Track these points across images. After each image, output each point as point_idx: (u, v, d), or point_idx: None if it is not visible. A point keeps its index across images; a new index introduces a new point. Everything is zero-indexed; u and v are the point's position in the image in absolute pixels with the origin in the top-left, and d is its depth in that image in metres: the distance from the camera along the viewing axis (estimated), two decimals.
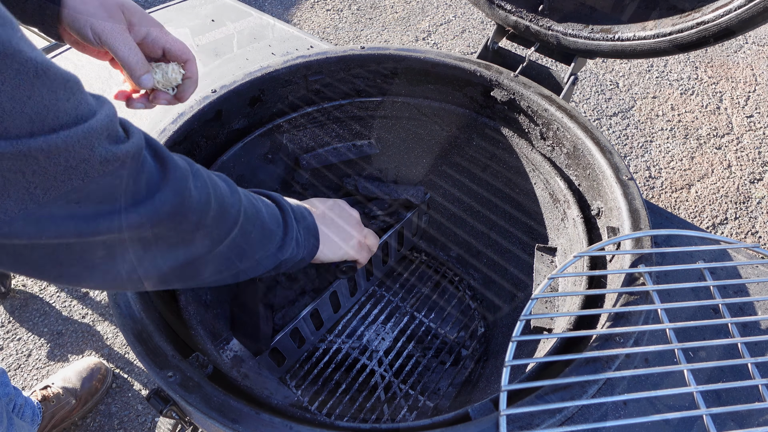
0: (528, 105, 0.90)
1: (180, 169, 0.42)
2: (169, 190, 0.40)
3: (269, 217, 0.56)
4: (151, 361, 0.59)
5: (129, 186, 0.37)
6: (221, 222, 0.47)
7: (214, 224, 0.46)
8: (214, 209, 0.46)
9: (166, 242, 0.42)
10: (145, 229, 0.39)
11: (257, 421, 0.54)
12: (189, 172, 0.43)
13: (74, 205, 0.34)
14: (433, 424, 0.57)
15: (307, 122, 1.00)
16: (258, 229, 0.54)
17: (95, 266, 0.39)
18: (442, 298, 1.17)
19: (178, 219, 0.42)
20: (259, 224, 0.54)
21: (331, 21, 2.77)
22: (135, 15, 0.61)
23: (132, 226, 0.38)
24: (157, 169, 0.40)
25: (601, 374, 0.55)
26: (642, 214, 0.71)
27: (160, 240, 0.42)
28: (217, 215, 0.46)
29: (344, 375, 1.04)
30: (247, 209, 0.52)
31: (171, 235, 0.42)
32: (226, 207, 0.48)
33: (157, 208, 0.39)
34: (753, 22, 0.68)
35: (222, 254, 0.49)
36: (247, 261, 0.54)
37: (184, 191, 0.42)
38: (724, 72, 2.50)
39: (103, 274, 0.40)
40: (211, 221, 0.46)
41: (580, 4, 0.93)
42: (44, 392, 1.32)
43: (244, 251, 0.52)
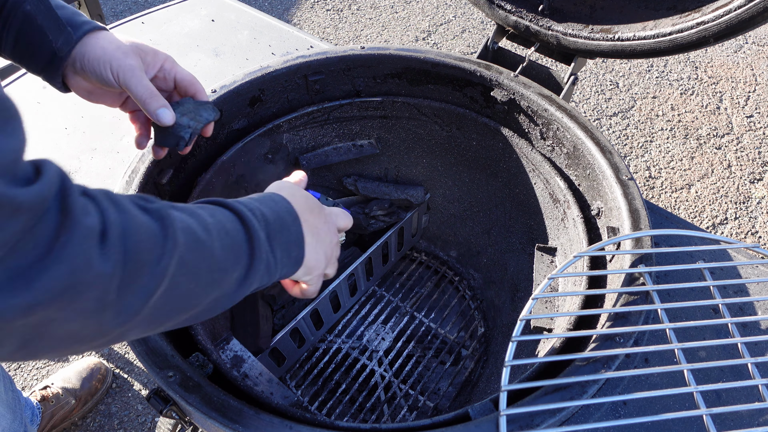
0: (528, 105, 0.90)
1: (82, 230, 0.33)
2: (56, 260, 0.31)
3: (224, 254, 0.45)
4: (151, 361, 0.59)
5: (9, 246, 0.29)
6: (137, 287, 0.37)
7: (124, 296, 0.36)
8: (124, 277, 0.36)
9: (57, 324, 0.34)
10: (15, 315, 0.31)
11: (257, 421, 0.54)
12: (96, 233, 0.34)
13: None
14: (433, 424, 0.57)
15: (307, 122, 1.00)
16: (203, 274, 0.43)
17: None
18: (442, 298, 1.17)
19: (65, 298, 0.32)
20: (204, 268, 0.43)
21: (331, 21, 2.77)
22: (148, 54, 0.65)
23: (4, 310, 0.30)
24: (55, 228, 0.32)
25: (601, 374, 0.55)
26: (642, 214, 0.71)
27: (48, 323, 0.33)
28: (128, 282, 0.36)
29: (344, 375, 1.04)
30: (184, 255, 0.41)
31: (60, 316, 0.33)
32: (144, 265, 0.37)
33: (31, 283, 0.30)
34: (753, 22, 0.69)
35: (146, 318, 0.40)
36: (189, 311, 0.44)
37: (78, 260, 0.33)
38: (724, 72, 2.50)
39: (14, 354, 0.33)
40: (119, 295, 0.36)
41: (580, 4, 0.93)
42: (44, 392, 1.32)
43: (181, 304, 0.43)
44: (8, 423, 0.95)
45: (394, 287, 1.18)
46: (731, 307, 0.72)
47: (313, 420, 0.57)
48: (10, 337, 0.32)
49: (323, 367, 1.04)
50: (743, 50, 2.62)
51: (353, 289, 1.10)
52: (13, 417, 0.96)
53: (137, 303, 0.38)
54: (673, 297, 0.72)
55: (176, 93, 0.70)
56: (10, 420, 0.95)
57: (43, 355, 0.36)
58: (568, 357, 0.57)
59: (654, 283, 0.62)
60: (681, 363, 0.55)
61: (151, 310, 0.39)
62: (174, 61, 0.67)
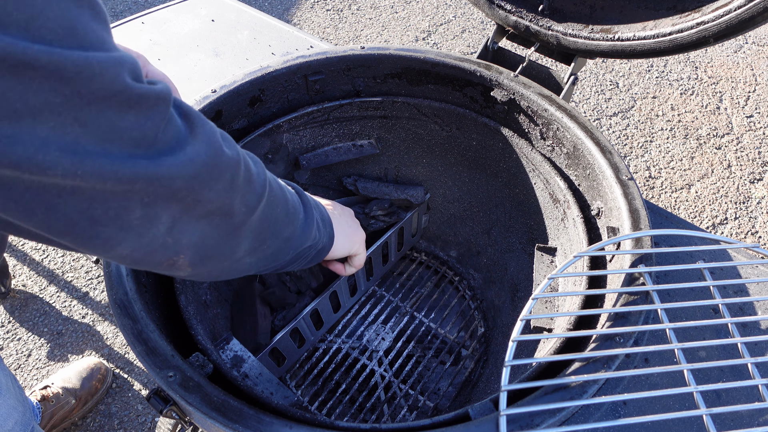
0: (528, 105, 0.90)
1: (209, 125, 0.41)
2: (201, 143, 0.39)
3: (291, 197, 0.56)
4: (151, 361, 0.59)
5: (159, 133, 0.35)
6: (251, 187, 0.46)
7: (246, 187, 0.45)
8: (244, 171, 0.44)
9: (203, 204, 0.40)
10: (180, 182, 0.37)
11: (257, 421, 0.54)
12: (217, 130, 0.43)
13: (108, 144, 0.32)
14: (433, 424, 0.57)
15: (307, 122, 1.00)
16: (282, 204, 0.53)
17: (131, 227, 0.37)
18: (442, 298, 1.17)
19: (213, 173, 0.40)
20: (283, 199, 0.53)
21: (331, 21, 2.77)
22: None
23: (167, 176, 0.36)
24: (185, 126, 0.39)
25: (601, 374, 0.55)
26: (642, 214, 0.71)
27: (197, 201, 0.40)
28: (246, 178, 0.45)
29: (344, 375, 1.04)
30: (271, 182, 0.51)
31: (207, 196, 0.40)
32: (253, 173, 0.46)
33: (192, 158, 0.38)
34: (753, 22, 0.69)
35: (255, 227, 0.48)
36: (277, 239, 0.53)
37: (216, 145, 0.41)
38: (724, 72, 2.50)
39: (138, 238, 0.38)
40: (243, 183, 0.44)
41: (580, 4, 0.93)
42: (44, 392, 1.32)
43: (274, 226, 0.51)
44: (20, 416, 0.95)
45: (394, 287, 1.18)
46: (731, 307, 0.72)
47: (313, 420, 0.57)
48: (166, 211, 0.38)
49: (323, 367, 1.04)
50: (743, 50, 2.62)
51: (353, 289, 1.10)
52: (24, 410, 0.97)
53: (254, 200, 0.46)
54: (673, 297, 0.72)
55: None
56: (22, 413, 0.96)
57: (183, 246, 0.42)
58: (568, 357, 0.57)
59: (654, 283, 0.62)
60: (681, 363, 0.55)
61: (259, 218, 0.48)
62: (146, 61, 0.67)
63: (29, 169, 0.30)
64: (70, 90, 0.30)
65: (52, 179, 0.31)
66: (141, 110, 0.34)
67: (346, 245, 0.73)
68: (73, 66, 0.29)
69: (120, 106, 0.32)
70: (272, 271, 0.60)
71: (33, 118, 0.29)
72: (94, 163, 0.32)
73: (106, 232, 0.36)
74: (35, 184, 0.31)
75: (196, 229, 0.42)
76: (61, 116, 0.30)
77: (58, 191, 0.32)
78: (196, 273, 0.47)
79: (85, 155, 0.31)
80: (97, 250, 0.38)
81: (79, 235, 0.35)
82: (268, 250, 0.52)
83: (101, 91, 0.31)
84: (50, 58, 0.28)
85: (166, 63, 1.21)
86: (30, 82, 0.28)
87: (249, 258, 0.50)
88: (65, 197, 0.32)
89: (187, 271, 0.45)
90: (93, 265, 1.73)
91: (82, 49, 0.30)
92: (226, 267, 0.49)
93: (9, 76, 0.27)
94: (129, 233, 0.37)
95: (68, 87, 0.29)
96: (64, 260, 1.74)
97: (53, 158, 0.30)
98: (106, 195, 0.34)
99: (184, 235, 0.41)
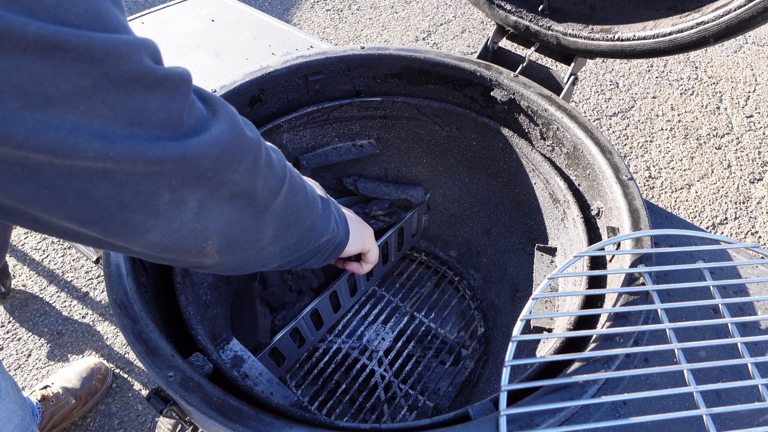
0: (528, 105, 0.90)
1: (229, 107, 0.42)
2: (225, 123, 0.40)
3: (309, 187, 0.56)
4: (151, 361, 0.59)
5: (184, 115, 0.36)
6: (273, 171, 0.46)
7: (268, 170, 0.45)
8: (265, 154, 0.45)
9: (228, 186, 0.41)
10: (207, 162, 0.38)
11: (257, 421, 0.54)
12: (237, 115, 0.43)
13: (136, 127, 0.33)
14: (433, 424, 0.57)
15: (307, 122, 1.00)
16: (302, 191, 0.53)
17: (160, 213, 0.37)
18: (442, 298, 1.17)
19: (237, 154, 0.40)
20: (302, 186, 0.53)
21: (331, 21, 2.77)
22: None
23: (195, 156, 0.36)
24: (206, 108, 0.39)
25: (601, 374, 0.55)
26: (642, 214, 0.71)
27: (222, 184, 0.40)
28: (268, 161, 0.45)
29: (344, 375, 1.04)
30: (290, 168, 0.51)
31: (232, 177, 0.41)
32: (273, 158, 0.47)
33: (218, 138, 0.38)
34: (753, 22, 0.69)
35: (278, 211, 0.48)
36: (299, 227, 0.53)
37: (238, 126, 0.41)
38: (724, 72, 2.50)
39: (168, 224, 0.38)
40: (266, 165, 0.45)
41: (580, 4, 0.94)
42: (44, 392, 1.32)
43: (296, 213, 0.52)
44: (20, 420, 0.95)
45: (394, 287, 1.18)
46: (731, 307, 0.72)
47: (313, 420, 0.57)
48: (193, 195, 0.38)
49: (323, 367, 1.04)
50: (743, 50, 2.62)
51: (353, 289, 1.10)
52: (23, 414, 0.97)
53: (276, 184, 0.47)
54: (673, 297, 0.72)
55: None
56: (21, 417, 0.96)
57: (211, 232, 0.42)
58: (568, 357, 0.57)
59: (654, 283, 0.62)
60: (681, 363, 0.55)
61: (281, 204, 0.48)
62: None
63: (62, 153, 0.30)
64: (99, 72, 0.30)
65: (83, 162, 0.31)
66: (166, 92, 0.34)
67: (360, 240, 0.73)
68: (101, 47, 0.30)
69: (146, 89, 0.33)
70: (293, 267, 0.60)
71: (64, 104, 0.29)
72: (124, 145, 0.32)
73: (135, 218, 0.36)
74: (66, 168, 0.31)
75: (222, 213, 0.42)
76: (90, 100, 0.30)
77: (89, 176, 0.32)
78: (223, 261, 0.47)
79: (115, 138, 0.32)
80: (127, 238, 0.38)
81: (109, 223, 0.36)
82: (291, 238, 0.53)
83: (128, 72, 0.31)
84: (80, 40, 0.29)
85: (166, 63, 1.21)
86: (61, 65, 0.28)
87: (273, 246, 0.51)
88: (96, 182, 0.33)
89: (215, 258, 0.45)
90: (93, 265, 1.73)
91: (107, 32, 0.31)
92: (251, 256, 0.49)
93: (41, 60, 0.28)
94: (159, 219, 0.38)
95: (97, 69, 0.30)
96: (64, 260, 1.74)
97: (84, 142, 0.31)
98: (136, 178, 0.34)
99: (211, 221, 0.41)
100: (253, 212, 0.45)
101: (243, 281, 1.02)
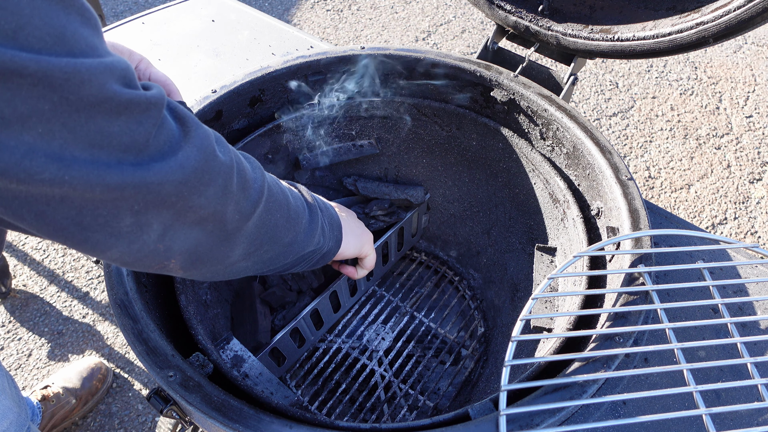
0: (528, 105, 0.90)
1: (203, 129, 0.41)
2: (193, 147, 0.39)
3: (294, 201, 0.55)
4: (151, 361, 0.59)
5: (151, 138, 0.35)
6: (246, 193, 0.45)
7: (240, 193, 0.44)
8: (238, 177, 0.44)
9: (194, 211, 0.40)
10: (170, 188, 0.37)
11: (257, 420, 0.54)
12: (212, 135, 0.42)
13: (97, 150, 0.32)
14: (433, 424, 0.57)
15: (308, 122, 1.00)
16: (284, 209, 0.52)
17: (121, 234, 0.37)
18: (442, 298, 1.17)
19: (205, 179, 0.40)
20: (284, 204, 0.53)
21: (331, 21, 2.77)
22: (123, 54, 0.65)
23: (156, 181, 0.36)
24: (179, 129, 0.39)
25: (601, 374, 0.55)
26: (641, 214, 0.71)
27: (188, 208, 0.39)
28: (241, 185, 0.44)
29: (344, 375, 1.04)
30: (271, 186, 0.50)
31: (198, 202, 0.40)
32: (248, 179, 0.46)
33: (182, 163, 0.37)
34: (752, 22, 0.69)
35: (250, 233, 0.47)
36: (275, 245, 0.52)
37: (208, 150, 0.40)
38: (724, 72, 2.50)
39: (129, 244, 0.38)
40: (237, 189, 0.44)
41: (579, 5, 0.94)
42: (44, 392, 1.32)
43: (272, 232, 0.51)
44: (15, 416, 0.95)
45: (394, 287, 1.18)
46: (731, 307, 0.72)
47: (313, 420, 0.57)
48: (158, 218, 0.38)
49: (323, 367, 1.05)
50: (742, 50, 2.62)
51: (353, 289, 1.10)
52: (19, 411, 0.97)
53: (248, 207, 0.46)
54: (673, 297, 0.72)
55: None
56: (17, 414, 0.96)
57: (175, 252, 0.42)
58: (568, 357, 0.57)
59: (653, 283, 0.62)
60: (680, 363, 0.55)
61: (254, 224, 0.47)
62: (149, 63, 0.68)
63: (16, 177, 0.30)
64: (59, 96, 0.30)
65: (39, 187, 0.31)
66: (132, 115, 0.34)
67: (357, 246, 0.73)
68: (61, 73, 0.30)
69: (110, 112, 0.32)
70: (273, 273, 0.60)
71: (21, 125, 0.29)
72: (81, 169, 0.32)
73: (95, 237, 0.36)
74: (23, 192, 0.31)
75: (188, 236, 0.42)
76: (49, 123, 0.30)
77: (46, 199, 0.32)
78: (189, 275, 0.47)
79: (73, 161, 0.32)
80: (88, 253, 0.38)
81: (68, 239, 0.36)
82: (266, 255, 0.52)
83: (90, 97, 0.31)
84: (38, 66, 0.29)
85: (166, 63, 1.21)
86: (18, 89, 0.28)
87: (244, 262, 0.50)
88: (53, 205, 0.33)
89: (179, 273, 0.46)
90: (93, 265, 1.73)
91: (71, 55, 0.30)
92: (219, 270, 0.49)
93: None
94: (119, 239, 0.37)
95: (56, 93, 0.30)
96: (64, 260, 1.74)
97: (39, 164, 0.30)
98: (95, 203, 0.34)
99: (175, 242, 0.41)
100: (222, 235, 0.45)
101: (243, 281, 1.02)
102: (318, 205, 0.62)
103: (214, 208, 0.42)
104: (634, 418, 0.52)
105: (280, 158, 1.02)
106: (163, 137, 0.37)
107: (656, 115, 2.30)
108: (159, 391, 0.63)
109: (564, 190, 0.86)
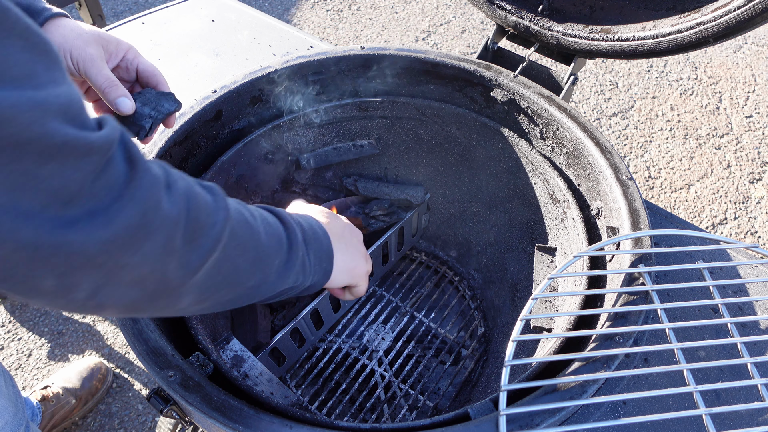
0: (528, 105, 0.90)
1: (151, 176, 0.36)
2: (131, 200, 0.34)
3: (268, 239, 0.50)
4: (151, 361, 0.59)
5: (86, 186, 0.31)
6: (194, 245, 0.40)
7: (185, 247, 0.39)
8: (187, 229, 0.39)
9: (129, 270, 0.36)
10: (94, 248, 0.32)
11: (257, 420, 0.54)
12: (162, 182, 0.37)
13: (18, 193, 0.28)
14: (433, 424, 0.57)
15: (307, 122, 1.00)
16: (249, 251, 0.47)
17: (45, 294, 0.33)
18: (442, 298, 1.17)
19: (139, 236, 0.35)
20: (251, 245, 0.47)
21: (331, 21, 2.77)
22: (110, 43, 0.64)
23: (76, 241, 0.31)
24: (125, 173, 0.34)
25: (601, 374, 0.55)
26: (641, 214, 0.71)
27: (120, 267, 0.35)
28: (188, 238, 0.39)
29: (344, 375, 1.04)
30: (235, 228, 0.44)
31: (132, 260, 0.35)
32: (203, 226, 0.41)
33: (110, 219, 0.33)
34: (752, 22, 0.69)
35: (199, 284, 0.42)
36: (237, 287, 0.47)
37: (149, 202, 0.35)
38: (724, 72, 2.50)
39: (53, 299, 0.34)
40: (182, 243, 0.39)
41: (579, 5, 0.94)
42: (44, 392, 1.32)
43: (231, 277, 0.46)
44: (11, 416, 0.95)
45: (394, 287, 1.18)
46: (731, 307, 0.72)
47: (313, 420, 0.57)
48: (87, 279, 0.34)
49: (323, 367, 1.05)
50: (742, 50, 2.62)
51: None
52: (15, 410, 0.97)
53: (196, 261, 0.40)
54: (673, 297, 0.72)
55: (138, 84, 0.69)
56: (13, 413, 0.96)
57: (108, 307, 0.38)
58: (568, 357, 0.57)
59: (653, 283, 0.62)
60: (680, 363, 0.55)
61: (207, 274, 0.42)
62: (137, 52, 0.66)
63: None
64: None
65: None
66: (66, 160, 0.30)
67: (345, 278, 0.67)
68: None
69: (39, 154, 0.28)
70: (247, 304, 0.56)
71: None
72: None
73: (18, 289, 0.32)
74: None
75: (124, 294, 0.37)
76: None
77: None
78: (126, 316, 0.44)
79: None
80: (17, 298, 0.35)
81: None
82: (224, 297, 0.47)
83: (12, 136, 0.27)
84: None
85: (166, 63, 1.21)
86: None
87: (197, 306, 0.46)
88: None
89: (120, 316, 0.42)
90: None
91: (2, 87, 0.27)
92: (168, 313, 0.45)
93: None
94: (44, 297, 0.34)
95: None
96: None
97: None
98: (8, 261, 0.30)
99: (109, 299, 0.37)
100: (164, 290, 0.40)
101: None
102: (304, 237, 0.56)
103: (151, 266, 0.37)
104: (634, 418, 0.52)
105: (280, 158, 1.02)
106: (101, 184, 0.32)
107: (656, 115, 2.30)
108: (159, 391, 0.63)
109: (564, 190, 0.86)
